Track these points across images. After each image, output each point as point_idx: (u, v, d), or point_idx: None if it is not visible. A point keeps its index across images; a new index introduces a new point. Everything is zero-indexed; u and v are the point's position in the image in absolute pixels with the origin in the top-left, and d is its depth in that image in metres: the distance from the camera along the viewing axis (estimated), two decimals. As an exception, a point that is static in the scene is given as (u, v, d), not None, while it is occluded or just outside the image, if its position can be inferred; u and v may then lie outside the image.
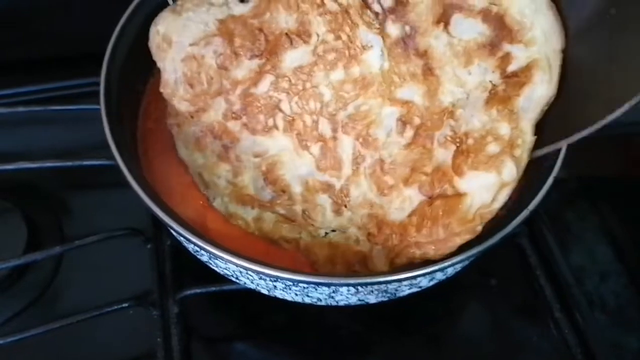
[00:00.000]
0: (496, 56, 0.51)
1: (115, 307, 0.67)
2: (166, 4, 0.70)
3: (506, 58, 0.50)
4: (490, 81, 0.51)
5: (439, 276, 0.61)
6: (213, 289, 0.66)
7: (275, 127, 0.60)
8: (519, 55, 0.50)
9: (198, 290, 0.67)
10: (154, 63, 0.72)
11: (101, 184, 0.77)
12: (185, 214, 0.61)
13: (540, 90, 0.50)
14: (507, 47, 0.50)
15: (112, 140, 0.60)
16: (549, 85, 0.50)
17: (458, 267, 0.61)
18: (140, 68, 0.70)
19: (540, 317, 0.71)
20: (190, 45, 0.61)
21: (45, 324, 0.65)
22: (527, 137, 0.50)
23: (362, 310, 0.64)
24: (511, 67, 0.50)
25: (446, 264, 0.54)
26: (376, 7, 0.56)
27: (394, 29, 0.55)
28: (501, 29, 0.50)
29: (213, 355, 0.70)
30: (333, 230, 0.61)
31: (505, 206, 0.53)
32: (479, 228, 0.53)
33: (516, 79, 0.50)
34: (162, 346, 0.66)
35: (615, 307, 0.79)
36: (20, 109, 0.76)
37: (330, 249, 0.59)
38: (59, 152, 0.75)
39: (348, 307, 0.62)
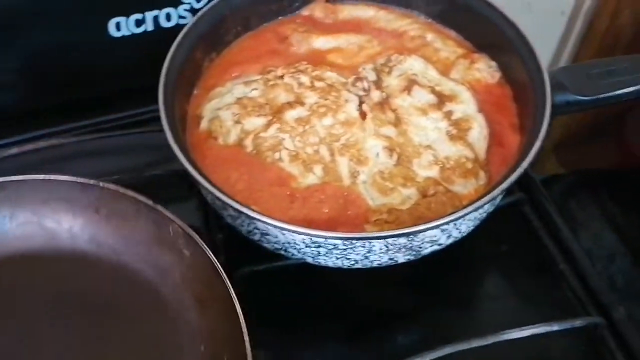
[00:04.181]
0: (442, 110, 0.79)
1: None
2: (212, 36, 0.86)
3: (449, 112, 0.79)
4: (442, 127, 0.78)
5: (455, 234, 0.73)
6: (263, 266, 0.79)
7: (281, 159, 0.76)
8: (457, 109, 0.80)
9: (254, 268, 0.79)
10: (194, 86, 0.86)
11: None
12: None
13: (478, 131, 0.78)
14: (448, 104, 0.80)
15: (176, 145, 0.71)
16: (481, 128, 0.79)
17: (470, 224, 0.74)
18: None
19: (548, 271, 0.83)
20: (216, 109, 0.82)
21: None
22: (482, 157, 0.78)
23: (392, 282, 0.79)
24: (454, 117, 0.79)
25: (459, 214, 0.66)
26: (365, 83, 0.82)
27: (375, 94, 0.81)
28: (442, 97, 0.80)
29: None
30: None
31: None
32: None
33: (462, 125, 0.78)
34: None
35: (623, 284, 0.91)
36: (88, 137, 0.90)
37: None
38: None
39: (380, 268, 0.74)
